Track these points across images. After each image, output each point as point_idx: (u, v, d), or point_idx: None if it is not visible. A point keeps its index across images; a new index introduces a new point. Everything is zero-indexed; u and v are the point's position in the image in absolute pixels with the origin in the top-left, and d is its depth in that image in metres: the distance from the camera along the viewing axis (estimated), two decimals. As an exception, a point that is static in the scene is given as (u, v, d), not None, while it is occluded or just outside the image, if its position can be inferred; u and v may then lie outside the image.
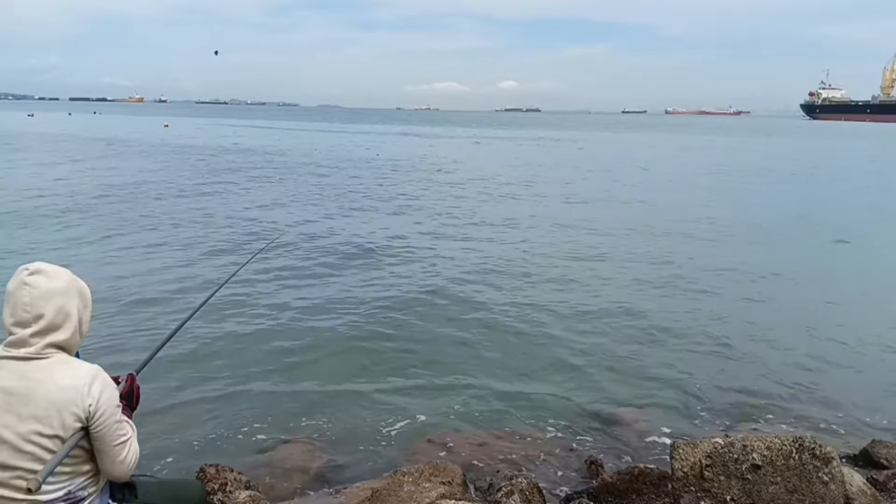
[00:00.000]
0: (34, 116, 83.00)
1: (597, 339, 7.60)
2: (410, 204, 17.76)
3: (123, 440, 2.13)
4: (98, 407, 2.01)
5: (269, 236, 12.62)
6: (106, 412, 2.04)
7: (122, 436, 2.12)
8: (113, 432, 2.09)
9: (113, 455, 2.11)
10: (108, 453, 2.10)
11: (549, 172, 28.07)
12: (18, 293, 1.98)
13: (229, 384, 6.04)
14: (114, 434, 2.09)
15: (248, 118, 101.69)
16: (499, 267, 10.89)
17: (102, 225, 13.40)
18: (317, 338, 7.32)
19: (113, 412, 2.08)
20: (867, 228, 15.84)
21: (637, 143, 58.12)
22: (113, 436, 2.09)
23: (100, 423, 2.03)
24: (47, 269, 2.05)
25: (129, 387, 2.30)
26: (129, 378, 2.34)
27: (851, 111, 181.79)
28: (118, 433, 2.11)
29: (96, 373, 2.06)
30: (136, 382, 2.35)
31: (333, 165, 28.90)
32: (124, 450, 2.13)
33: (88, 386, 2.00)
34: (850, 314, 8.71)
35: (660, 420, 5.67)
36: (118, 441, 2.11)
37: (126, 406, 2.25)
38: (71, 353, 2.10)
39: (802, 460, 3.63)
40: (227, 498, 3.93)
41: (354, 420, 5.49)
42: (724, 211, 17.68)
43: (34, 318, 1.98)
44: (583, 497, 4.14)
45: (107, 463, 2.12)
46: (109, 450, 2.10)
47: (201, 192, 18.74)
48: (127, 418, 2.21)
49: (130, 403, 2.31)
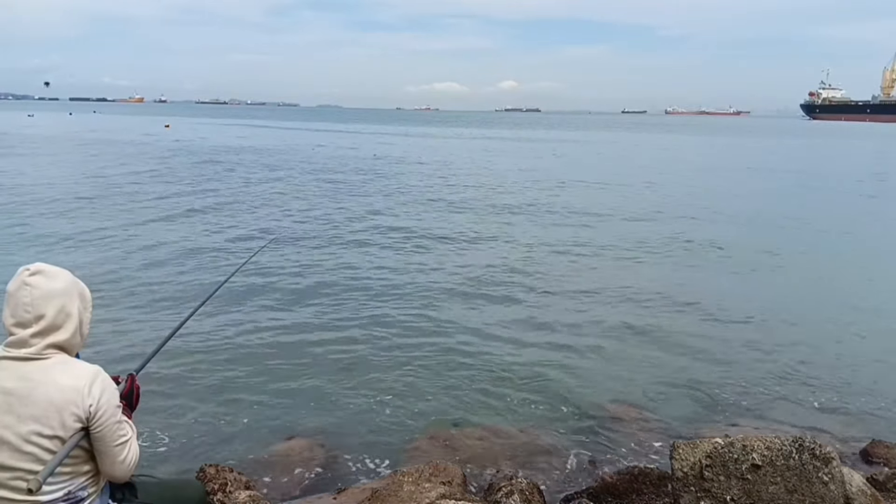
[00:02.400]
0: (34, 117, 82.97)
1: (596, 339, 7.59)
2: (414, 200, 17.77)
3: (123, 440, 2.13)
4: (98, 407, 2.01)
5: (267, 236, 12.63)
6: (106, 412, 2.04)
7: (123, 436, 2.12)
8: (113, 433, 2.08)
9: (113, 455, 2.11)
10: (108, 454, 2.10)
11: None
12: (19, 294, 1.98)
13: (229, 384, 6.05)
14: (114, 434, 2.09)
15: (247, 118, 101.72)
16: (497, 267, 10.89)
17: (98, 225, 13.39)
18: (317, 338, 7.32)
19: (113, 413, 2.07)
20: (867, 228, 15.86)
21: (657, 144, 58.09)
22: (113, 436, 2.09)
23: (100, 423, 2.03)
24: (48, 270, 2.05)
25: (129, 387, 2.30)
26: (129, 378, 2.34)
27: (851, 111, 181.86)
28: (118, 433, 2.10)
29: (96, 373, 2.06)
30: (136, 382, 2.35)
31: (335, 164, 28.90)
32: (124, 450, 2.13)
33: (89, 386, 2.00)
34: (850, 314, 8.71)
35: (660, 420, 5.67)
36: (118, 441, 2.11)
37: (126, 406, 2.25)
38: (71, 354, 2.10)
39: (802, 460, 3.63)
40: (227, 498, 3.93)
41: (354, 420, 5.49)
42: (724, 212, 17.70)
43: (35, 318, 1.98)
44: (583, 497, 4.14)
45: (107, 463, 2.12)
46: (110, 450, 2.09)
47: (199, 191, 18.73)
48: (127, 418, 2.21)
49: (130, 403, 2.31)
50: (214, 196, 18.22)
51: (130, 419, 2.26)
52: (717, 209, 17.90)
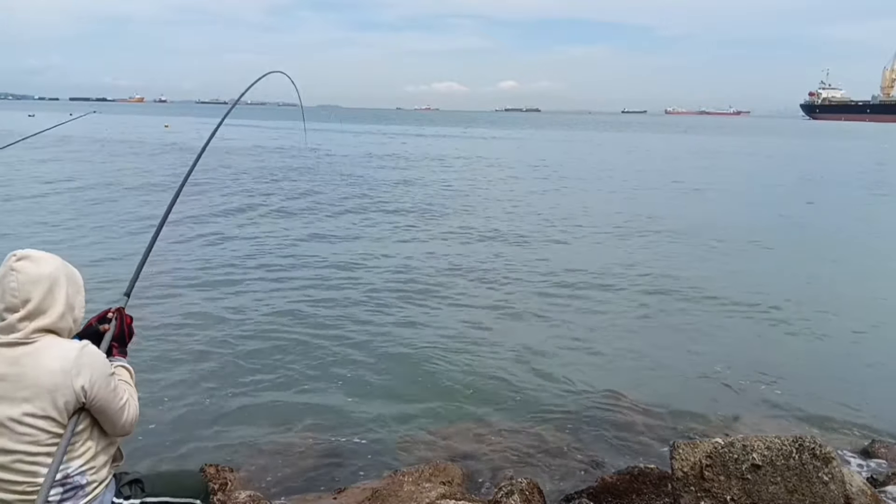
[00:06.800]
0: (35, 117, 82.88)
1: (596, 339, 7.60)
2: (418, 202, 17.77)
3: (122, 404, 2.16)
4: (92, 384, 2.04)
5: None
6: (98, 386, 2.06)
7: (120, 399, 2.16)
8: (111, 402, 2.12)
9: (115, 420, 2.15)
10: (109, 420, 2.14)
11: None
12: (6, 279, 2.02)
13: (229, 384, 6.04)
14: (112, 402, 2.12)
15: (247, 118, 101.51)
16: (496, 267, 10.89)
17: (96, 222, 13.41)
18: (317, 338, 7.31)
19: (106, 383, 2.09)
20: (865, 227, 15.86)
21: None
22: (112, 404, 2.12)
23: (96, 398, 2.06)
24: (34, 255, 2.08)
25: (119, 325, 2.33)
26: (118, 314, 2.35)
27: (851, 111, 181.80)
28: (116, 399, 2.13)
29: (81, 349, 2.07)
30: (125, 316, 2.37)
31: (336, 163, 28.92)
32: (125, 412, 2.18)
33: (77, 365, 2.02)
34: (850, 314, 8.71)
35: (660, 420, 5.67)
36: (118, 406, 2.15)
37: (118, 347, 2.29)
38: (63, 337, 2.12)
39: (802, 460, 3.63)
40: (227, 498, 3.93)
41: (354, 420, 5.49)
42: (725, 213, 17.70)
43: (21, 302, 2.00)
44: (583, 497, 4.13)
45: (109, 427, 2.17)
46: (112, 415, 2.14)
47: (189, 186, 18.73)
48: (123, 364, 2.25)
49: (123, 341, 2.34)
50: (206, 194, 18.19)
51: (126, 357, 2.30)
52: (716, 212, 17.91)
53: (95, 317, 2.35)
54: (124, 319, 2.37)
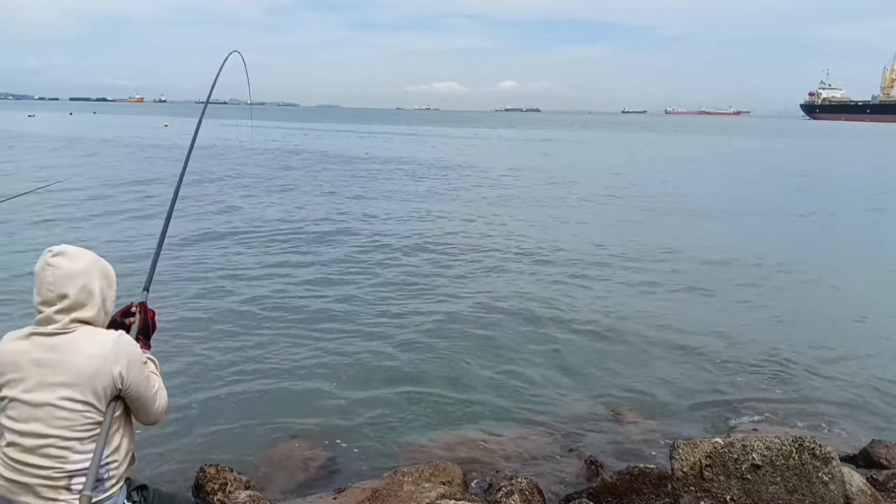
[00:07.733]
0: (35, 117, 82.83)
1: (596, 339, 7.59)
2: (421, 198, 17.77)
3: (155, 391, 2.24)
4: (128, 371, 2.11)
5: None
6: (135, 372, 2.13)
7: (153, 387, 2.23)
8: (146, 388, 2.19)
9: (148, 406, 2.23)
10: (143, 408, 2.22)
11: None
12: (43, 274, 2.08)
13: (229, 384, 6.04)
14: (147, 389, 2.20)
15: (246, 118, 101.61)
16: (493, 268, 10.90)
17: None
18: (317, 338, 7.31)
19: (140, 370, 2.17)
20: (864, 230, 15.86)
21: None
22: (147, 391, 2.20)
23: (132, 384, 2.13)
24: (69, 251, 2.14)
25: (143, 318, 2.40)
26: (142, 308, 2.42)
27: (851, 111, 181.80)
28: (149, 386, 2.21)
29: (117, 337, 2.14)
30: (147, 309, 2.44)
31: (337, 163, 28.93)
32: (157, 399, 2.26)
33: (114, 352, 2.08)
34: (850, 314, 8.71)
35: (660, 420, 5.67)
36: (152, 392, 2.23)
37: (143, 339, 2.35)
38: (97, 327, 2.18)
39: (802, 460, 3.63)
40: (227, 498, 3.93)
41: (354, 420, 5.49)
42: (725, 214, 17.72)
43: (58, 297, 2.07)
44: (583, 497, 4.13)
45: (142, 415, 2.25)
46: (146, 402, 2.21)
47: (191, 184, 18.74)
48: (149, 355, 2.30)
49: (147, 334, 2.40)
50: (203, 194, 18.20)
51: (150, 349, 2.36)
52: (716, 207, 17.92)
53: (119, 312, 2.40)
54: (148, 313, 2.44)
